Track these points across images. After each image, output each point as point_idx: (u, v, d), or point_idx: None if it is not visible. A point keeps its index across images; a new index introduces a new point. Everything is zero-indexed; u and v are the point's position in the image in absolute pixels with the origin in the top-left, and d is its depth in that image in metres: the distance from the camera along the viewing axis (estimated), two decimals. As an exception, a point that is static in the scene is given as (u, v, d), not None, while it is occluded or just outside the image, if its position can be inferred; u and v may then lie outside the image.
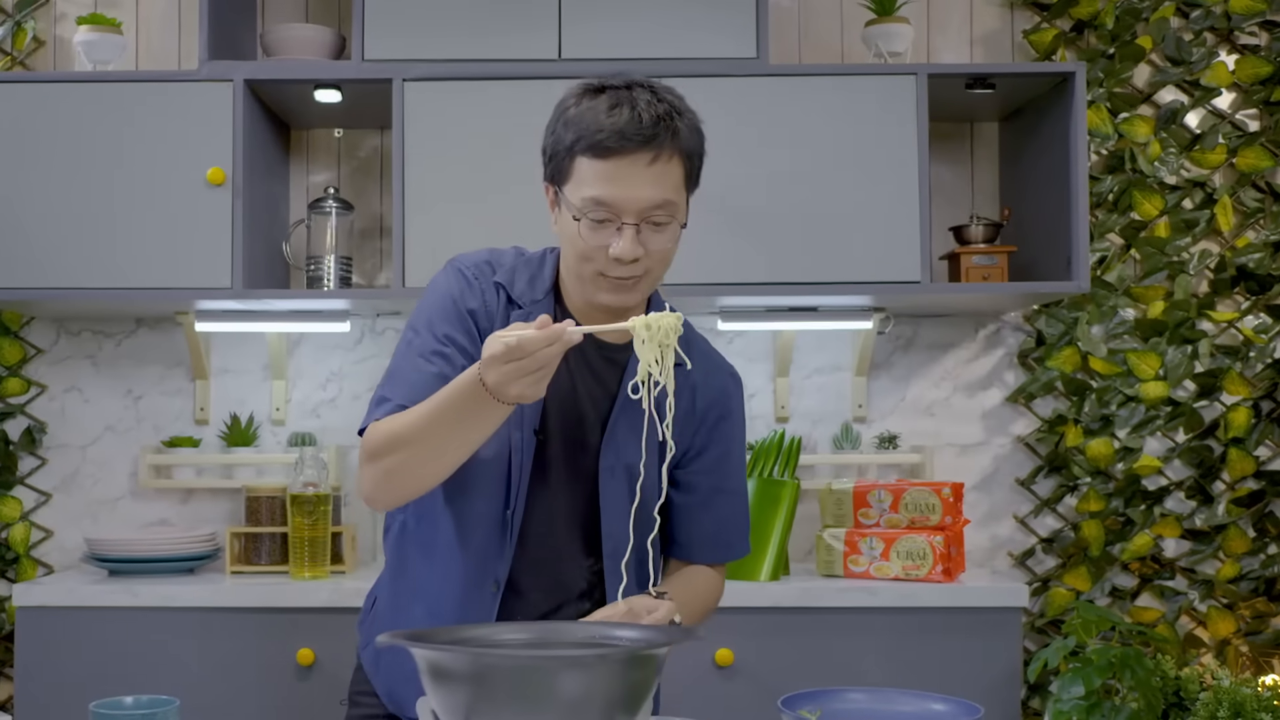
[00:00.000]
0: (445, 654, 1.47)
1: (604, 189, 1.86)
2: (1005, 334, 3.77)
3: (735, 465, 2.15)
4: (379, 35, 3.30)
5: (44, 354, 3.75)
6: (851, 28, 3.74)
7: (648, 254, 1.89)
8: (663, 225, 1.89)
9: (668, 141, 1.86)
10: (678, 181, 1.90)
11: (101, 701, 1.79)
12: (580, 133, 1.87)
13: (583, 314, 1.99)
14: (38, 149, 3.30)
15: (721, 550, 2.14)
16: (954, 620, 3.14)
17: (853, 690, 1.99)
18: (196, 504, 3.74)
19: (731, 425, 2.12)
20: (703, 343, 2.13)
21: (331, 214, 3.53)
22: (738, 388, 2.15)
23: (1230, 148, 3.73)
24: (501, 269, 2.03)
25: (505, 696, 1.45)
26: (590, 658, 1.48)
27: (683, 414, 2.04)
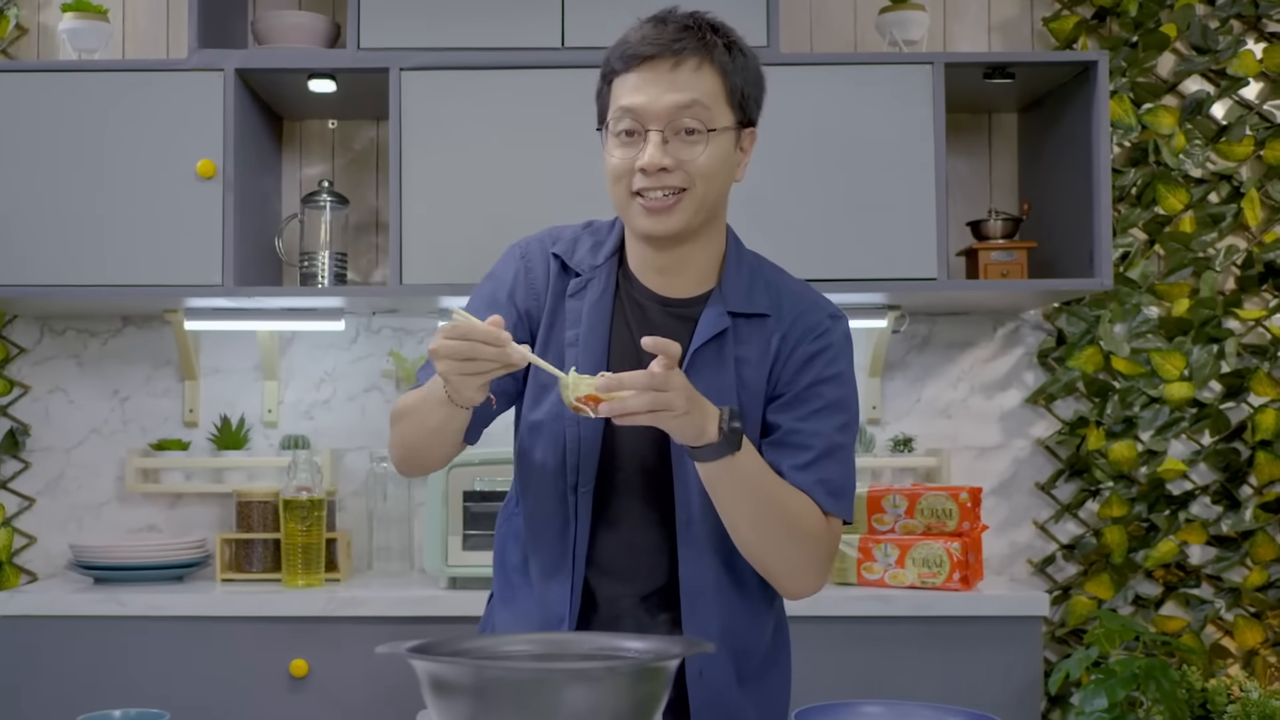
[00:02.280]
0: (446, 666, 1.47)
1: (629, 97, 1.87)
2: (1024, 333, 3.76)
3: (821, 405, 1.95)
4: (375, 23, 3.30)
5: (27, 353, 3.75)
6: (865, 15, 3.73)
7: (680, 168, 1.86)
8: (695, 135, 1.86)
9: (695, 48, 1.87)
10: (711, 90, 1.87)
11: (88, 715, 1.78)
12: (614, 53, 1.92)
13: (644, 273, 1.98)
14: (20, 141, 3.30)
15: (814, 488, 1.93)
16: (972, 630, 3.13)
17: (868, 703, 1.98)
18: (185, 509, 3.73)
19: (820, 362, 1.96)
20: (803, 287, 2.04)
21: (326, 208, 3.52)
22: (836, 326, 2.00)
23: (1258, 139, 3.72)
24: (561, 240, 2.03)
25: (509, 710, 1.44)
26: (598, 670, 1.47)
27: (763, 361, 1.96)
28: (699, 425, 1.74)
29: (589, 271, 1.99)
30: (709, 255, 1.98)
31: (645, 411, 1.68)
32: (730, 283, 1.97)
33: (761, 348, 1.96)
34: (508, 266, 2.04)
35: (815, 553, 1.93)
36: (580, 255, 2.01)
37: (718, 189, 1.92)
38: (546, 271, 2.01)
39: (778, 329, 1.97)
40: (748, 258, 2.03)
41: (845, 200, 3.30)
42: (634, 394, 1.67)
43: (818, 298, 2.03)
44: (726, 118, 1.90)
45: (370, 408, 3.73)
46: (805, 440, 1.94)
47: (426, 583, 3.39)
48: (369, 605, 3.15)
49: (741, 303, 1.96)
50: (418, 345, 3.72)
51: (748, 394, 1.96)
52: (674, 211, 1.88)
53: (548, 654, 1.63)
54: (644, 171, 1.86)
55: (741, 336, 1.95)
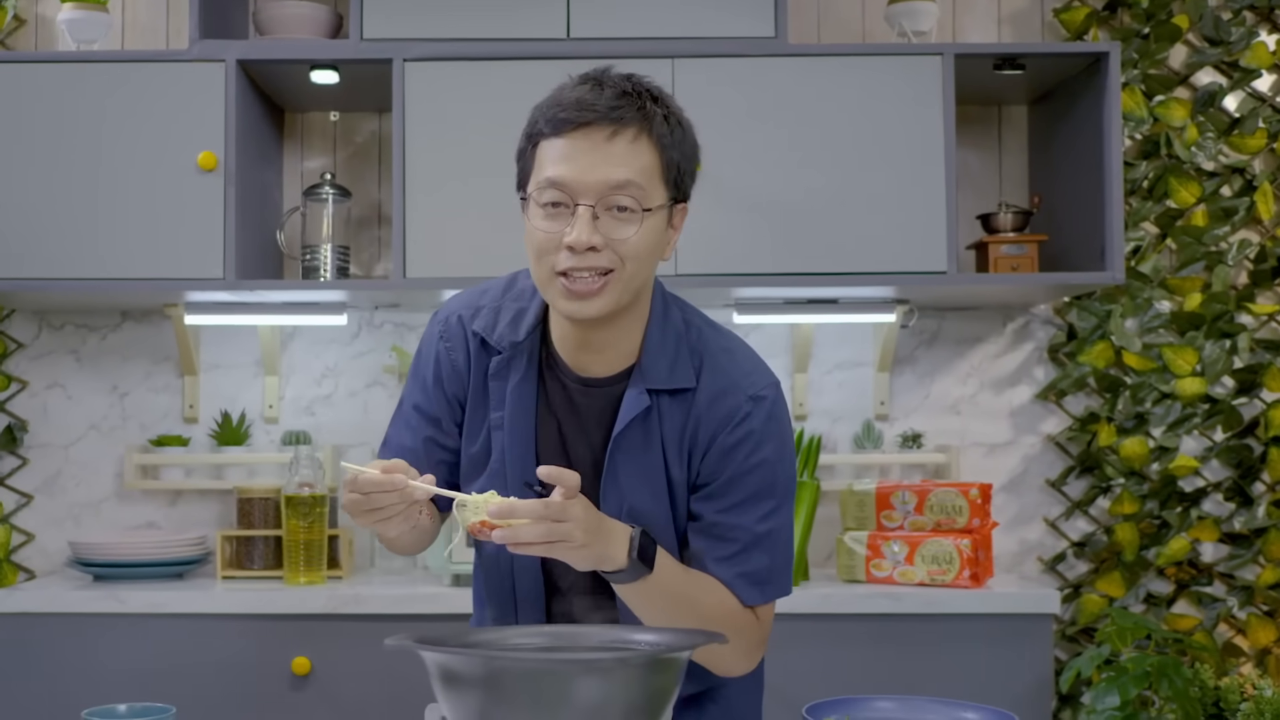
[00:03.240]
0: (457, 657, 1.47)
1: (559, 167, 1.77)
2: (1035, 327, 3.77)
3: (744, 497, 1.90)
4: (379, 13, 3.31)
5: (25, 348, 3.76)
6: (874, 6, 3.74)
7: (610, 247, 1.77)
8: (627, 213, 1.78)
9: (634, 119, 1.78)
10: (647, 166, 1.79)
11: (94, 709, 1.79)
12: (542, 114, 1.82)
13: (565, 351, 1.91)
14: (18, 132, 3.30)
15: (736, 583, 1.89)
16: (982, 627, 3.14)
17: (881, 699, 1.98)
18: (185, 506, 3.74)
19: (740, 453, 1.89)
20: (728, 358, 1.94)
21: (328, 201, 3.53)
22: (759, 407, 1.90)
23: (1271, 132, 3.72)
24: (480, 314, 1.96)
25: (520, 702, 1.45)
26: (609, 661, 1.47)
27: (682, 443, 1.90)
28: (601, 554, 1.72)
29: (510, 349, 1.92)
30: (632, 334, 1.90)
31: (540, 542, 1.65)
32: (651, 359, 1.89)
33: (680, 426, 1.90)
34: (430, 347, 1.99)
35: (739, 644, 1.90)
36: (501, 330, 1.93)
37: (647, 270, 1.83)
38: (467, 352, 1.95)
39: (696, 407, 1.89)
40: (673, 322, 1.93)
41: (853, 193, 3.31)
42: (528, 524, 1.64)
43: (741, 373, 1.92)
44: (660, 195, 1.81)
45: (372, 403, 3.74)
46: (726, 533, 1.89)
47: (429, 580, 3.40)
48: (371, 603, 3.15)
49: (663, 379, 1.88)
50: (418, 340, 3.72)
51: (670, 478, 1.91)
52: (600, 295, 1.79)
53: (557, 646, 1.64)
54: (571, 249, 1.77)
55: (665, 413, 1.89)
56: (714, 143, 3.27)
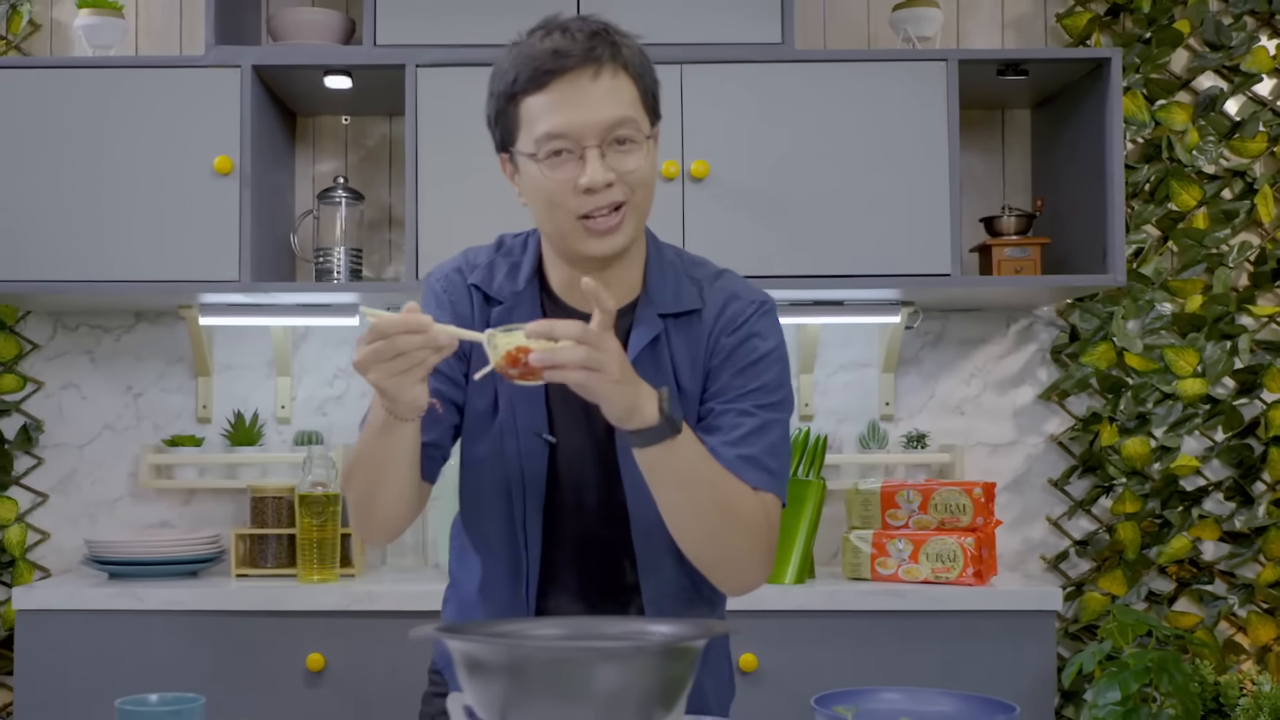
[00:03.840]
0: (481, 646, 1.55)
1: (555, 118, 1.83)
2: (1038, 329, 3.84)
3: (746, 385, 1.96)
4: (392, 19, 3.38)
5: (40, 349, 3.83)
6: (879, 11, 3.82)
7: (621, 180, 1.85)
8: (630, 145, 1.86)
9: (609, 55, 1.85)
10: (631, 97, 1.86)
11: (127, 699, 1.87)
12: (516, 70, 1.86)
13: (570, 294, 1.95)
14: (37, 137, 3.38)
15: (750, 473, 1.92)
16: (985, 624, 3.21)
17: (887, 690, 2.06)
18: (198, 505, 3.82)
19: (750, 349, 1.97)
20: (726, 278, 2.03)
21: (341, 204, 3.61)
22: (761, 312, 2.00)
23: (1271, 136, 3.80)
24: (476, 269, 2.00)
25: (542, 689, 1.53)
26: (627, 649, 1.55)
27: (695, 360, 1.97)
28: (633, 400, 1.73)
29: (511, 299, 1.97)
30: (633, 268, 1.97)
31: (578, 367, 1.65)
32: (656, 286, 1.97)
33: (694, 348, 1.97)
34: (433, 299, 2.01)
35: (755, 539, 1.92)
36: (499, 282, 1.99)
37: (652, 194, 1.92)
38: (470, 305, 1.98)
39: (706, 326, 1.97)
40: (668, 255, 2.02)
41: (859, 196, 3.38)
42: (568, 345, 1.64)
43: (742, 287, 2.02)
44: (646, 122, 1.89)
45: (383, 404, 3.81)
46: (732, 421, 1.94)
47: (439, 577, 3.47)
48: (384, 600, 3.23)
49: (670, 303, 1.96)
50: (431, 341, 3.80)
51: (686, 397, 1.96)
52: (621, 229, 1.87)
53: (578, 635, 1.71)
54: (590, 191, 1.83)
55: (674, 337, 1.96)
56: (721, 146, 3.37)
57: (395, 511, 1.93)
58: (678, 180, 3.35)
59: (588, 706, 1.53)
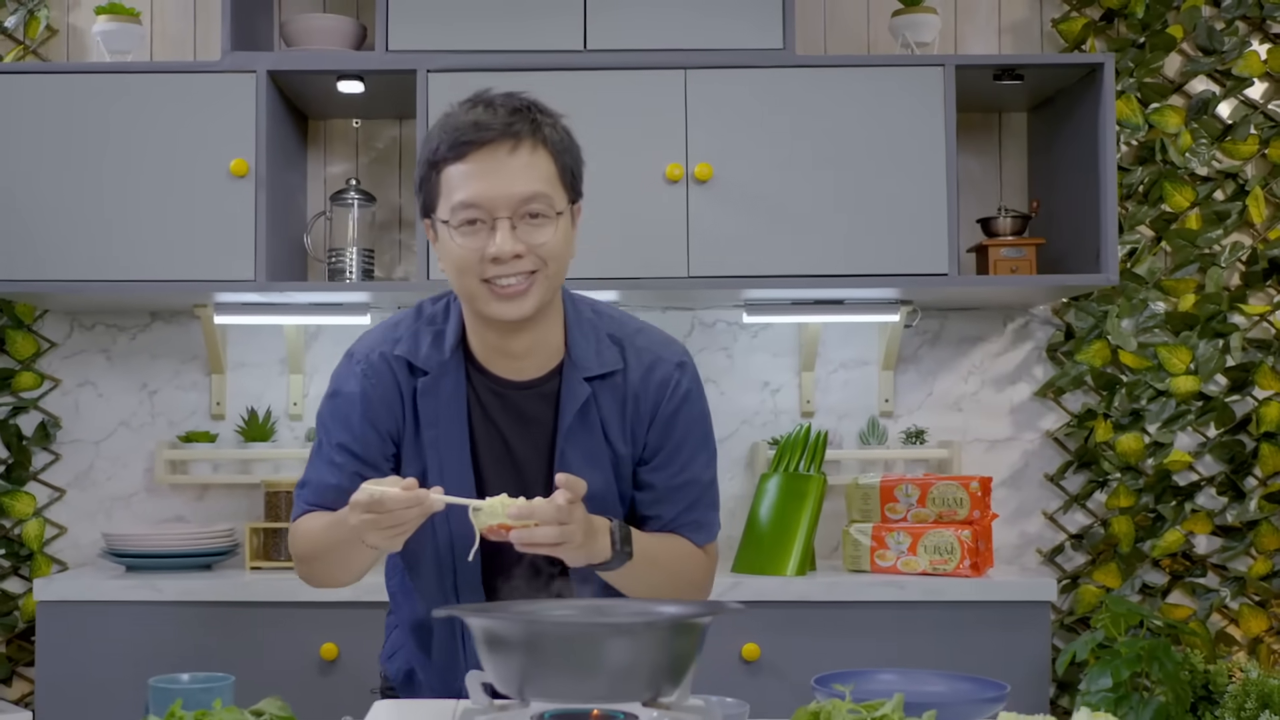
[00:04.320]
0: (502, 622, 1.66)
1: (470, 188, 1.94)
2: (1034, 327, 3.95)
3: (690, 454, 2.15)
4: (403, 25, 3.49)
5: (57, 348, 3.94)
6: (878, 17, 3.92)
7: (531, 252, 1.96)
8: (541, 219, 1.96)
9: (528, 131, 1.97)
10: (548, 174, 1.98)
11: (159, 678, 1.98)
12: (439, 141, 1.99)
13: (492, 361, 2.08)
14: (58, 140, 3.49)
15: (690, 530, 2.15)
16: (982, 614, 3.32)
17: (884, 671, 2.18)
18: (212, 500, 3.93)
19: (682, 417, 2.13)
20: (644, 336, 2.15)
21: (353, 206, 3.72)
22: (684, 373, 2.14)
23: (1263, 139, 3.91)
24: (399, 341, 2.09)
25: (558, 662, 1.64)
26: (638, 624, 1.66)
27: (624, 420, 2.11)
28: (591, 551, 1.92)
29: (437, 368, 2.07)
30: (553, 332, 2.09)
31: (550, 544, 1.85)
32: (579, 349, 2.09)
33: (621, 407, 2.10)
34: (352, 385, 2.10)
35: (699, 585, 2.19)
36: (425, 352, 2.07)
37: (564, 267, 2.03)
38: (395, 382, 2.08)
39: (629, 385, 2.10)
40: (585, 315, 2.13)
41: (859, 198, 3.49)
42: (543, 527, 1.83)
43: (661, 345, 2.15)
44: (563, 198, 2.01)
45: (393, 401, 3.92)
46: (683, 493, 2.14)
47: (451, 570, 3.58)
48: (397, 591, 3.33)
49: (593, 365, 2.09)
50: (440, 339, 3.91)
51: (615, 453, 2.12)
52: (529, 294, 1.98)
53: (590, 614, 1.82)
54: (496, 261, 1.94)
55: (600, 397, 2.10)
56: (724, 150, 3.48)
57: (343, 584, 2.15)
58: (681, 182, 3.46)
59: (600, 679, 1.64)
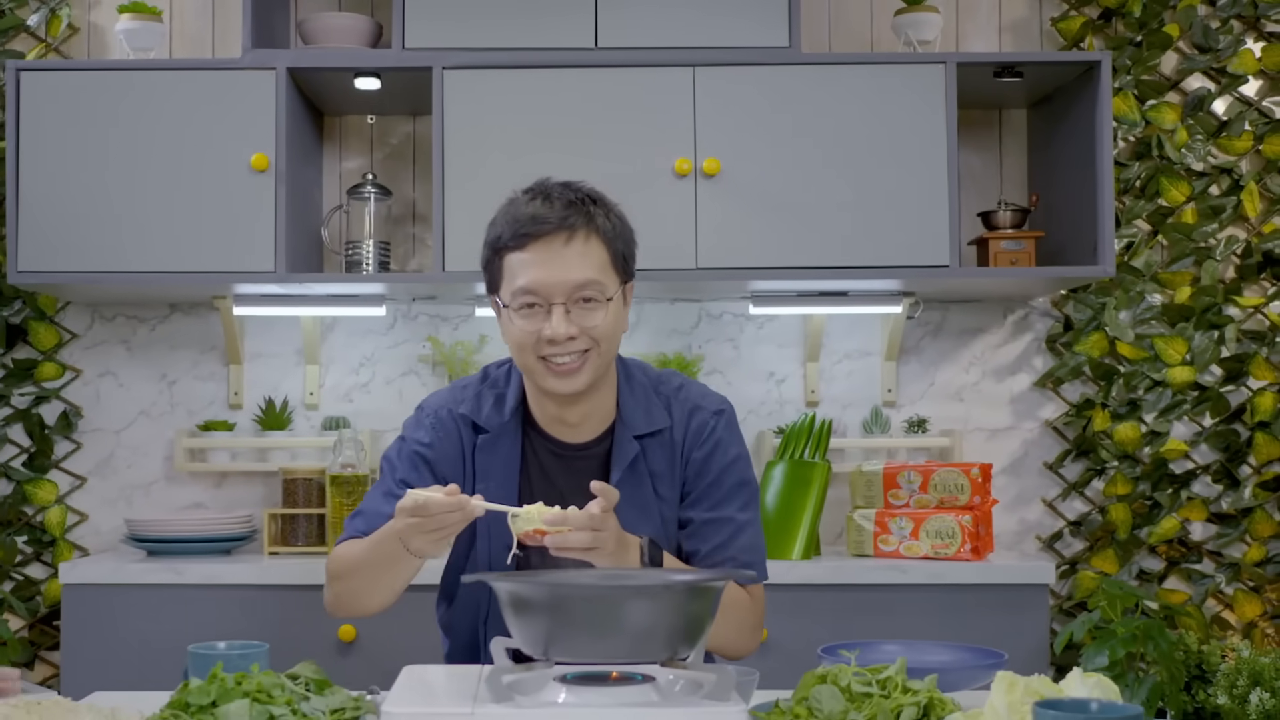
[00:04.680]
0: (528, 586, 1.77)
1: (529, 275, 2.15)
2: (1034, 319, 4.06)
3: (725, 494, 2.31)
4: (419, 23, 3.60)
5: (79, 339, 4.05)
6: (882, 16, 4.03)
7: (584, 333, 2.16)
8: (594, 304, 2.17)
9: (583, 223, 2.17)
10: (601, 262, 2.18)
11: (197, 645, 2.08)
12: (502, 229, 2.20)
13: (550, 426, 2.29)
14: (83, 136, 3.59)
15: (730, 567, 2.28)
16: (982, 597, 3.43)
17: (887, 643, 2.30)
18: (230, 487, 4.04)
19: (716, 457, 2.31)
20: (685, 390, 2.35)
21: (370, 199, 3.83)
22: (721, 419, 2.34)
23: (1257, 134, 4.02)
24: (465, 401, 2.33)
25: (580, 623, 1.75)
26: (656, 586, 1.77)
27: (671, 472, 2.31)
28: (622, 560, 2.07)
29: (497, 429, 2.29)
30: (606, 399, 2.29)
31: (582, 548, 2.00)
32: (629, 410, 2.30)
33: (668, 459, 2.30)
34: (420, 433, 2.32)
35: (741, 621, 2.29)
36: (486, 413, 2.31)
37: (616, 344, 2.23)
38: (458, 434, 2.31)
39: (674, 437, 2.30)
40: (635, 377, 2.34)
41: (862, 192, 3.60)
42: (575, 531, 1.98)
43: (699, 396, 2.35)
44: (615, 283, 2.21)
45: (407, 391, 4.03)
46: (716, 528, 2.29)
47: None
48: (413, 574, 3.44)
49: (642, 424, 2.30)
50: (453, 331, 4.02)
51: (664, 504, 2.30)
52: (581, 371, 2.19)
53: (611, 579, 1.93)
54: (552, 342, 2.15)
55: (650, 453, 2.30)
56: (731, 145, 3.59)
57: (371, 608, 2.28)
58: (690, 177, 3.57)
59: (621, 640, 1.75)
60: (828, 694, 1.80)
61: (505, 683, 1.75)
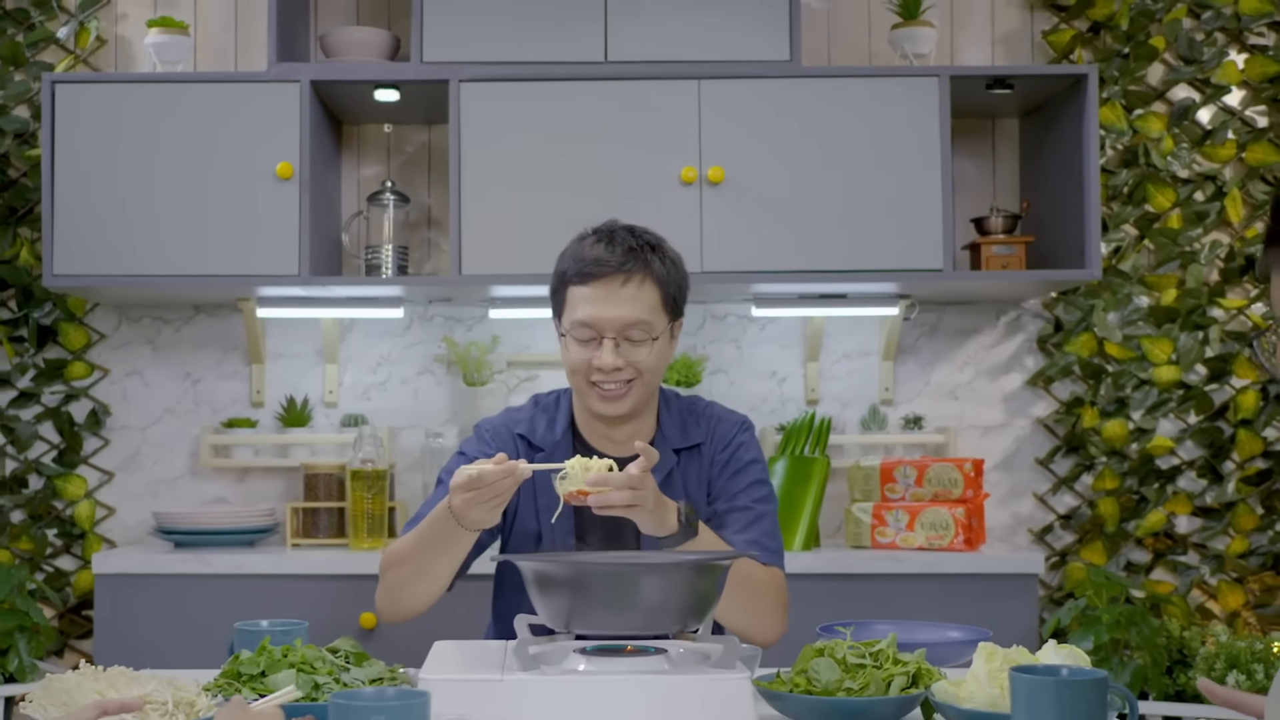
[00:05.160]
0: (551, 565, 1.96)
1: (586, 310, 2.43)
2: (1025, 320, 4.25)
3: (744, 487, 2.56)
4: (437, 38, 3.79)
5: (106, 339, 4.24)
6: (879, 30, 4.22)
7: (629, 365, 2.43)
8: (640, 341, 2.43)
9: (639, 268, 2.44)
10: (653, 303, 2.45)
11: (243, 623, 2.27)
12: (569, 265, 2.48)
13: (597, 443, 2.54)
14: (114, 145, 3.78)
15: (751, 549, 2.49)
16: (974, 586, 3.61)
17: (881, 622, 2.49)
18: (253, 482, 4.22)
19: (738, 459, 2.57)
20: (714, 409, 2.63)
21: (389, 206, 4.02)
22: (745, 432, 2.61)
23: (1240, 143, 4.21)
24: (521, 422, 2.58)
25: (598, 598, 1.93)
26: (667, 564, 1.96)
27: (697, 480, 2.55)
28: (660, 520, 2.26)
29: (550, 447, 2.54)
30: (647, 420, 2.56)
31: (623, 505, 2.21)
32: (668, 427, 2.57)
33: (699, 471, 2.56)
34: (480, 448, 2.54)
35: (768, 600, 2.49)
36: (540, 432, 2.56)
37: (659, 376, 2.51)
38: (515, 451, 2.53)
39: (706, 448, 2.57)
40: (674, 401, 2.62)
41: (861, 199, 3.79)
42: (616, 490, 2.18)
43: (726, 413, 2.63)
44: (664, 322, 2.48)
45: (423, 390, 4.22)
46: (736, 514, 2.53)
47: (479, 546, 3.87)
48: (431, 564, 3.62)
49: (679, 440, 2.56)
50: (467, 332, 4.21)
51: (696, 503, 2.53)
52: (626, 398, 2.46)
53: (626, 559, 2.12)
54: (600, 370, 2.42)
55: (684, 465, 2.56)
56: (735, 154, 3.78)
57: (419, 602, 2.46)
58: (695, 185, 3.75)
59: (636, 613, 1.93)
60: (825, 665, 1.98)
61: (531, 654, 1.93)
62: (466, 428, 4.04)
